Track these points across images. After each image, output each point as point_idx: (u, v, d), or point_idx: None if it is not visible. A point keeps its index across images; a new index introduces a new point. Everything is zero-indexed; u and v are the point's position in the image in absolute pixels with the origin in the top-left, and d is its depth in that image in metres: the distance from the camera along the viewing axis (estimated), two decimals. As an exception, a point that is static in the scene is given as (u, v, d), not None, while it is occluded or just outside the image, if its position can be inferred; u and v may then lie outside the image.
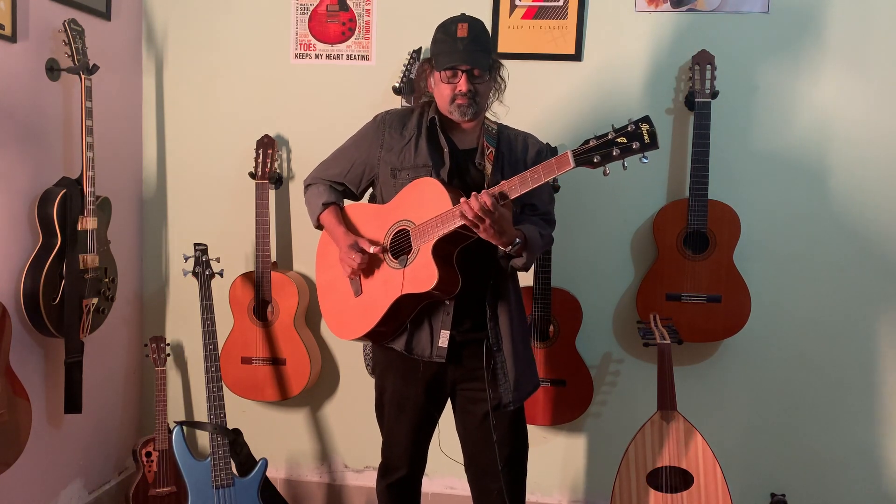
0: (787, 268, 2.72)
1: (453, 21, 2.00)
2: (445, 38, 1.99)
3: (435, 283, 1.90)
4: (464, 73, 1.96)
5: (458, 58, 1.96)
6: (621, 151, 1.69)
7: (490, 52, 2.03)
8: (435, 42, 2.03)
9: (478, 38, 1.98)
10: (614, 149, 1.70)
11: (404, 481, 2.23)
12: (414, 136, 2.08)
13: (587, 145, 1.72)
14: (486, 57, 2.00)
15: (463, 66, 1.96)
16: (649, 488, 2.40)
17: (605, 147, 1.70)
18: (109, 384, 2.91)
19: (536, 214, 2.08)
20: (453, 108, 2.00)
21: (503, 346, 2.07)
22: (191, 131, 3.01)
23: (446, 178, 2.01)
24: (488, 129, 2.07)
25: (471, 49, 1.96)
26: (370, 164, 2.13)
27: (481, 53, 1.99)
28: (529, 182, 1.79)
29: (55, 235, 2.36)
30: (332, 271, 2.17)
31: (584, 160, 1.72)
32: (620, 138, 1.70)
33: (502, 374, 2.07)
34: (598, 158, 1.71)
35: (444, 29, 2.01)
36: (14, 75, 2.31)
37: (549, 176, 1.77)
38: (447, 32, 1.99)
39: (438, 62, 1.99)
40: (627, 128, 1.70)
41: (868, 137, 2.64)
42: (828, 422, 2.75)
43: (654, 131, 1.68)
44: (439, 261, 1.91)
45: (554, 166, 1.76)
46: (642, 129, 1.69)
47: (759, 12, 2.66)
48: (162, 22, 2.98)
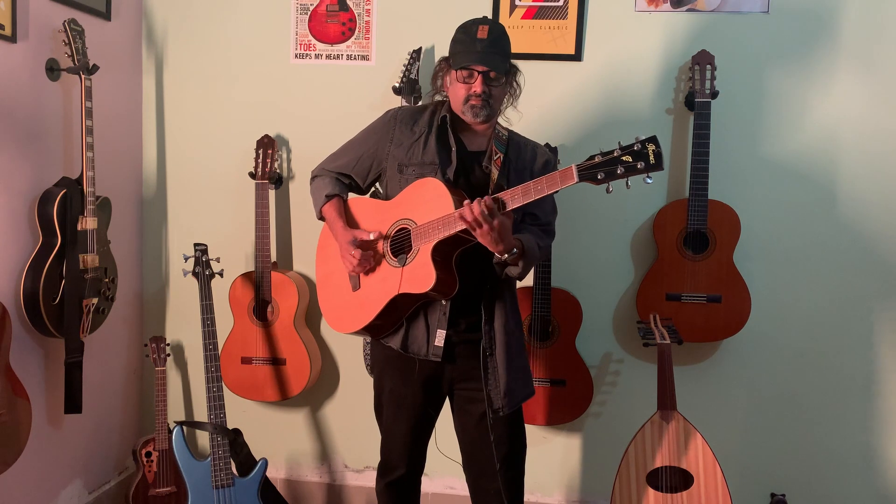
0: (787, 268, 2.72)
1: (475, 22, 2.00)
2: (465, 37, 1.99)
3: (432, 285, 1.90)
4: (480, 75, 1.96)
5: (475, 58, 1.95)
6: (626, 170, 1.68)
7: (508, 57, 2.03)
8: (454, 41, 2.03)
9: (497, 42, 1.98)
10: (619, 167, 1.69)
11: (403, 480, 2.23)
12: (424, 133, 2.08)
13: (592, 161, 1.71)
14: (503, 61, 2.00)
15: (479, 67, 1.96)
16: (649, 488, 2.40)
17: (609, 164, 1.69)
18: (109, 384, 2.91)
19: (537, 224, 2.08)
20: (466, 108, 2.00)
21: (496, 352, 2.07)
22: (191, 131, 3.01)
23: (452, 177, 2.01)
24: (499, 135, 2.07)
25: (489, 51, 1.96)
26: (378, 159, 2.13)
27: (499, 57, 1.98)
28: (532, 193, 1.79)
29: (55, 235, 2.36)
30: (331, 264, 2.18)
31: (588, 176, 1.71)
32: (626, 156, 1.68)
33: (493, 379, 2.07)
34: (602, 175, 1.70)
35: (465, 29, 2.01)
36: (14, 75, 2.31)
37: (553, 189, 1.76)
38: (467, 33, 1.99)
39: (456, 61, 1.99)
40: (634, 146, 1.69)
41: (868, 137, 2.64)
42: (828, 422, 2.75)
43: (659, 152, 1.67)
44: (438, 262, 1.91)
45: (558, 180, 1.75)
46: (648, 150, 1.67)
47: (759, 12, 2.66)
48: (162, 22, 2.98)
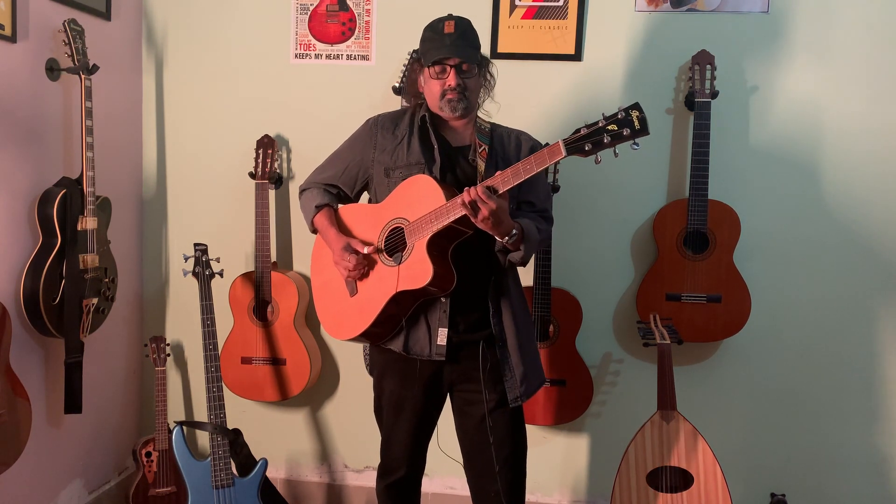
0: (787, 268, 2.72)
1: (440, 20, 2.03)
2: (433, 35, 2.01)
3: (430, 279, 1.89)
4: (452, 68, 1.98)
5: (445, 51, 1.97)
6: (612, 138, 1.70)
7: (478, 49, 2.05)
8: (423, 41, 2.05)
9: (465, 34, 2.01)
10: (605, 136, 1.70)
11: (403, 482, 2.23)
12: (406, 135, 2.09)
13: (578, 133, 1.73)
14: (474, 52, 2.02)
15: (451, 59, 1.98)
16: (649, 488, 2.40)
17: (595, 135, 1.71)
18: (109, 384, 2.91)
19: (534, 211, 2.09)
20: (444, 103, 2.02)
21: (508, 342, 2.06)
22: (191, 131, 3.01)
23: (438, 174, 2.01)
24: (481, 128, 2.08)
25: (458, 44, 1.98)
26: (364, 166, 2.14)
27: (469, 48, 2.01)
28: (522, 173, 1.79)
29: (55, 235, 2.36)
30: (327, 272, 2.17)
31: (575, 148, 1.73)
32: (611, 125, 1.70)
33: (508, 370, 2.06)
34: (590, 146, 1.71)
35: (432, 27, 2.04)
36: (14, 75, 2.31)
37: (542, 166, 1.77)
38: (434, 30, 2.02)
39: (427, 58, 2.01)
40: (617, 115, 1.70)
41: (868, 137, 2.64)
42: (828, 422, 2.76)
43: (644, 117, 1.69)
44: (434, 256, 1.91)
45: (546, 156, 1.76)
46: (632, 116, 1.69)
47: (759, 12, 2.66)
48: (162, 22, 2.98)
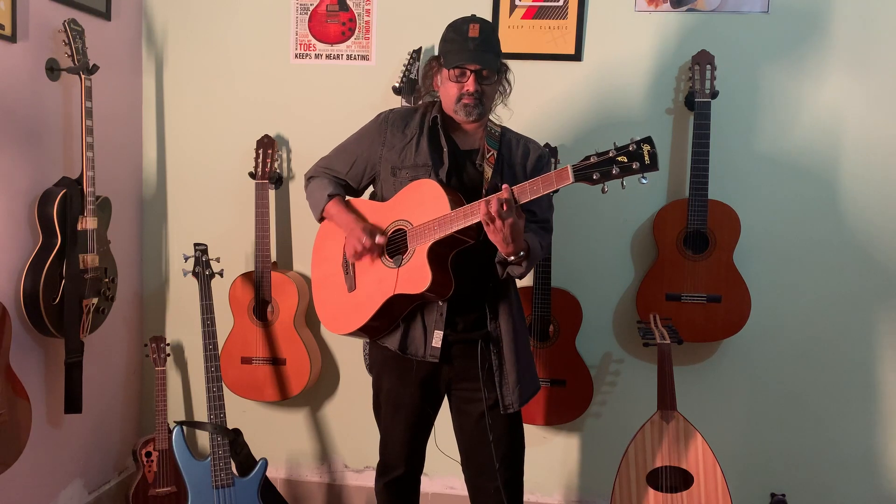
0: (787, 268, 2.72)
1: (465, 21, 2.00)
2: (456, 36, 1.99)
3: (428, 286, 1.90)
4: (472, 74, 1.96)
5: (468, 57, 1.95)
6: (621, 171, 1.70)
7: (499, 55, 2.04)
8: (445, 40, 2.02)
9: (488, 40, 1.98)
10: (614, 167, 1.70)
11: (402, 480, 2.23)
12: (415, 135, 2.08)
13: (587, 161, 1.72)
14: (495, 59, 2.00)
15: (472, 65, 1.96)
16: (649, 488, 2.40)
17: (605, 165, 1.71)
18: (109, 384, 2.91)
19: (535, 221, 2.07)
20: (459, 107, 2.00)
21: (504, 348, 2.06)
22: (191, 131, 3.01)
23: (444, 178, 2.01)
24: (491, 132, 2.07)
25: (481, 49, 1.96)
26: (372, 162, 2.13)
27: (491, 55, 1.99)
28: (528, 194, 1.79)
29: (55, 235, 2.36)
30: (327, 265, 2.17)
31: (583, 176, 1.72)
32: (621, 157, 1.70)
33: (502, 377, 2.07)
34: (598, 175, 1.71)
35: (456, 28, 2.01)
36: (14, 75, 2.31)
37: (548, 189, 1.78)
38: (458, 31, 1.99)
39: (448, 60, 1.99)
40: (629, 147, 1.70)
41: (868, 137, 2.64)
42: (828, 422, 2.75)
43: (654, 153, 1.68)
44: (434, 263, 1.91)
45: (553, 180, 1.76)
46: (643, 150, 1.68)
47: (759, 12, 2.66)
48: (162, 22, 2.98)
